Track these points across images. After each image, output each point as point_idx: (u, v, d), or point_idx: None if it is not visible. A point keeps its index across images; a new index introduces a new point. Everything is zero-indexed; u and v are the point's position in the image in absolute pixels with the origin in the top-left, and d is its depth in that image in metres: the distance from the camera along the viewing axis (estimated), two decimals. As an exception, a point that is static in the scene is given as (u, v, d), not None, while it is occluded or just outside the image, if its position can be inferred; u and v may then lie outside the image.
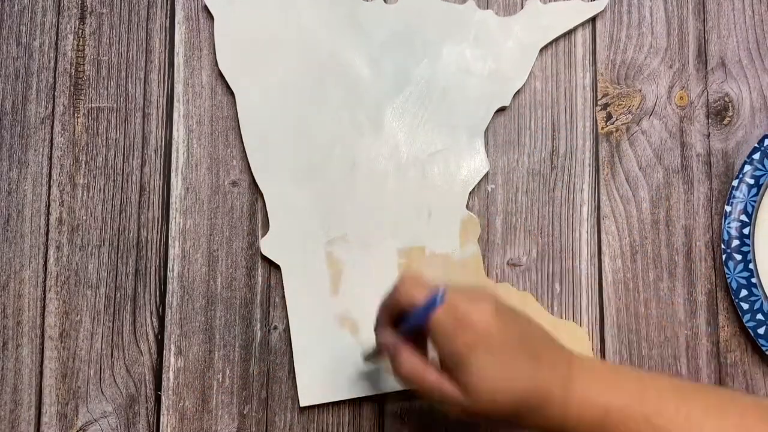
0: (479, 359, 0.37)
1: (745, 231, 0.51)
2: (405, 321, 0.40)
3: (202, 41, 0.53)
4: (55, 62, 0.53)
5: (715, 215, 0.53)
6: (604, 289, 0.52)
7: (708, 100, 0.54)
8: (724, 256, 0.51)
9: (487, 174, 0.52)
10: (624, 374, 0.40)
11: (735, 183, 0.51)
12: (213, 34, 0.52)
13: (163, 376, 0.50)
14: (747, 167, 0.51)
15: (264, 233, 0.51)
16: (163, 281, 0.51)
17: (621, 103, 0.53)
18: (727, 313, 0.52)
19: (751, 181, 0.51)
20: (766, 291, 0.50)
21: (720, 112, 0.53)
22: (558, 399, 0.38)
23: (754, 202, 0.51)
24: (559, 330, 0.50)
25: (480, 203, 0.53)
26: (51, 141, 0.52)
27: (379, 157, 0.52)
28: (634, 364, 0.51)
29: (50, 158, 0.52)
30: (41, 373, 0.50)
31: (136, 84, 0.53)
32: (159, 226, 0.52)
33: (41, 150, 0.52)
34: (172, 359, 0.50)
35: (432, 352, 0.40)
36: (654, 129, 0.53)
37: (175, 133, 0.52)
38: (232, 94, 0.52)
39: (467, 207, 0.52)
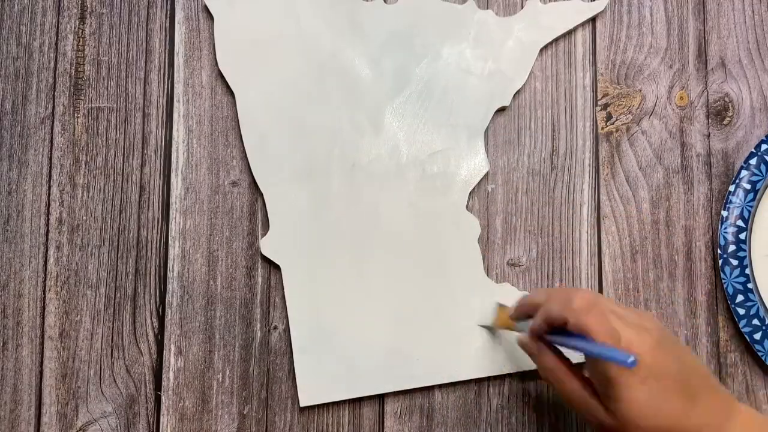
0: (632, 387, 0.36)
1: (742, 236, 0.50)
2: (564, 336, 0.39)
3: (202, 41, 0.53)
4: (55, 62, 0.53)
5: (715, 215, 0.53)
6: (604, 289, 0.52)
7: (708, 100, 0.54)
8: (720, 261, 0.50)
9: (487, 174, 0.52)
10: None
11: (732, 188, 0.51)
12: (213, 34, 0.52)
13: (163, 376, 0.50)
14: (744, 172, 0.51)
15: (264, 233, 0.51)
16: (163, 281, 0.51)
17: (621, 103, 0.53)
18: (726, 314, 0.52)
19: (748, 186, 0.51)
20: (762, 296, 0.50)
21: (720, 112, 0.53)
22: None
23: (751, 207, 0.51)
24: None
25: (480, 203, 0.53)
26: (51, 141, 0.52)
27: (379, 157, 0.52)
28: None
29: (50, 158, 0.52)
30: (41, 373, 0.50)
31: (136, 84, 0.53)
32: (159, 226, 0.52)
33: (41, 150, 0.52)
34: (172, 359, 0.50)
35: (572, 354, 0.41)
36: (654, 129, 0.53)
37: (175, 133, 0.52)
38: (232, 94, 0.52)
39: (467, 207, 0.52)
